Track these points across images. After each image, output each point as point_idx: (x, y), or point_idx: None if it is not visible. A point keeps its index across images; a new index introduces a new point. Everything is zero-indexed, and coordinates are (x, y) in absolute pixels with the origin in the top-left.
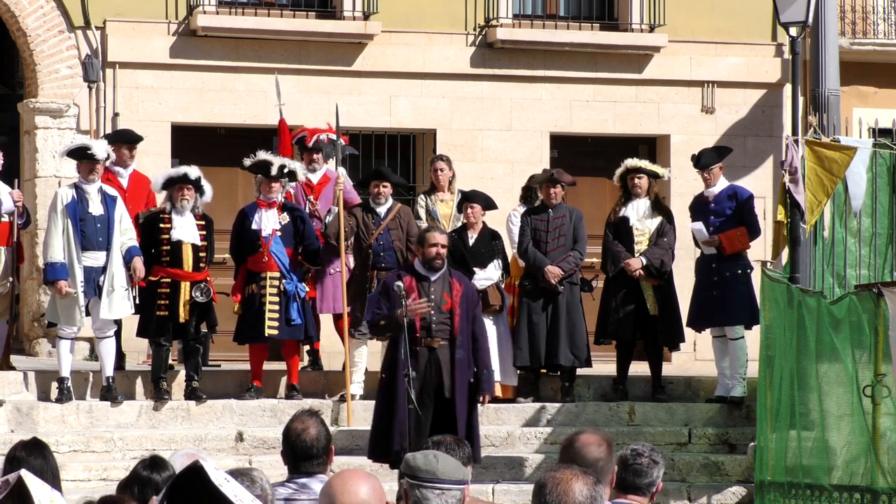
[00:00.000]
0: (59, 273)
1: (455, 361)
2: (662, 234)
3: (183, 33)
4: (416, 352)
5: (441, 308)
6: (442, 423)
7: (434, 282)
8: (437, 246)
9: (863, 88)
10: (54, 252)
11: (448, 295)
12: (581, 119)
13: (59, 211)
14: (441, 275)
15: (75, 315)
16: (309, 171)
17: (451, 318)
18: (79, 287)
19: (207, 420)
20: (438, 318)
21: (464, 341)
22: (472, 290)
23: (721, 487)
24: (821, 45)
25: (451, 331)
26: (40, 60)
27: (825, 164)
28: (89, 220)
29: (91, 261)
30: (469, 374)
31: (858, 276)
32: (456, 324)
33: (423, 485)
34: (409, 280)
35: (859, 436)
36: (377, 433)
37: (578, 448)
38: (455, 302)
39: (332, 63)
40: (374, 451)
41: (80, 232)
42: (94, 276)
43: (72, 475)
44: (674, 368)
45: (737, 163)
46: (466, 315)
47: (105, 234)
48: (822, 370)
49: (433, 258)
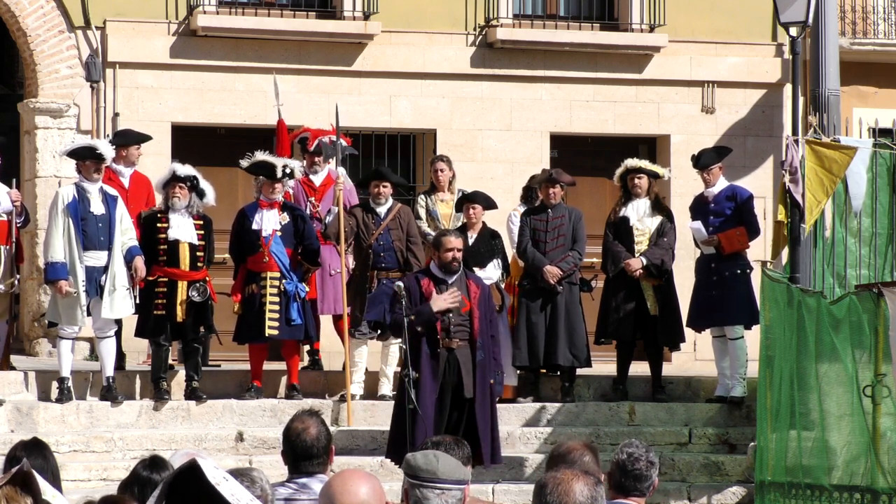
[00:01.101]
0: (59, 273)
1: (476, 362)
2: (662, 234)
3: (183, 33)
4: (438, 353)
5: (460, 311)
6: (461, 424)
7: (451, 284)
8: (454, 250)
9: (863, 88)
10: (55, 251)
11: (466, 297)
12: (581, 119)
13: (61, 210)
14: (458, 277)
15: (76, 315)
16: (311, 174)
17: (469, 319)
18: (80, 287)
19: (207, 420)
20: (457, 320)
21: (484, 342)
22: (488, 291)
23: (721, 487)
24: (821, 45)
25: (471, 332)
26: (40, 60)
27: (825, 164)
28: (91, 219)
29: (93, 260)
30: (490, 374)
31: (858, 276)
32: (475, 325)
33: (423, 485)
34: (428, 283)
35: (859, 436)
36: (397, 435)
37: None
38: (474, 303)
39: (332, 63)
40: (392, 451)
41: (81, 231)
42: (95, 276)
43: (72, 475)
44: (674, 368)
45: (737, 163)
46: (485, 316)
47: (107, 233)
48: (822, 370)
49: (450, 262)
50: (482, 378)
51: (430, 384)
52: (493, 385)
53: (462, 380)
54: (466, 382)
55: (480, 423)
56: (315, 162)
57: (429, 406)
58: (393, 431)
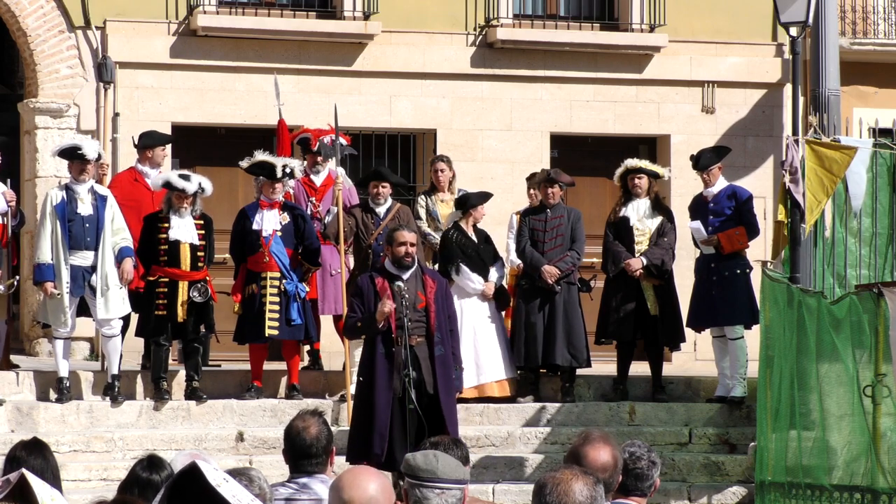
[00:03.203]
0: (45, 274)
1: (434, 358)
2: (663, 234)
3: (183, 33)
4: (393, 351)
5: (416, 306)
6: (428, 420)
7: (406, 280)
8: (406, 245)
9: (863, 88)
10: (43, 253)
11: (422, 293)
12: (581, 119)
13: (49, 212)
14: (413, 273)
15: (60, 317)
16: (312, 174)
17: (426, 315)
18: (64, 287)
19: (208, 420)
20: (413, 316)
21: (442, 337)
22: (445, 286)
23: (721, 487)
24: (821, 44)
25: (428, 328)
26: (40, 60)
27: (825, 164)
28: (77, 220)
29: (79, 260)
30: (451, 370)
31: (859, 276)
32: (432, 320)
33: (423, 484)
34: (382, 282)
35: (860, 436)
36: (356, 435)
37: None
38: (430, 299)
39: (332, 63)
40: (352, 453)
41: (67, 232)
42: (81, 275)
43: (72, 475)
44: (674, 368)
45: (737, 163)
46: (442, 311)
47: (94, 234)
48: (823, 370)
49: (402, 256)
50: (444, 373)
51: (385, 383)
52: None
53: (423, 377)
54: (427, 379)
55: (448, 419)
56: (317, 162)
57: (383, 406)
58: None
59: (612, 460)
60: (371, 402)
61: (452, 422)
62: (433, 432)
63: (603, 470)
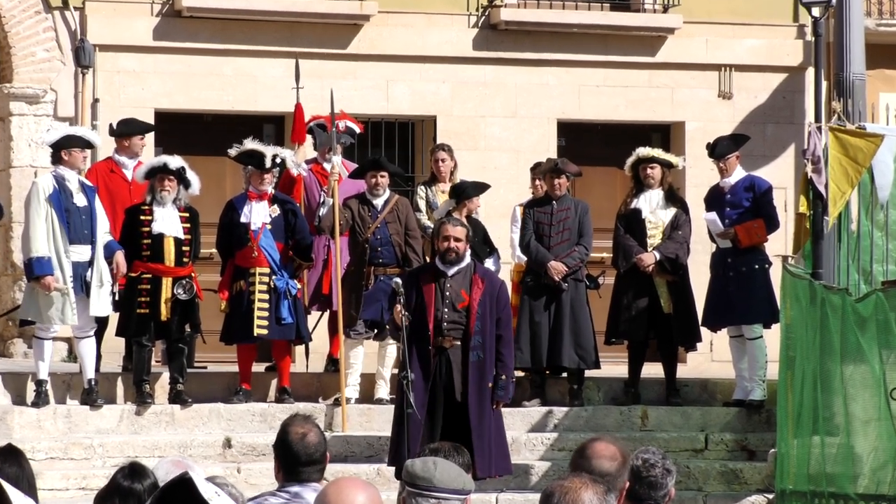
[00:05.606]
0: (45, 268)
1: (468, 363)
2: (677, 226)
3: (167, 14)
4: (428, 352)
5: (456, 306)
6: (454, 429)
7: (451, 277)
8: (450, 239)
9: (890, 72)
10: (39, 246)
11: (466, 292)
12: (590, 105)
13: (42, 202)
14: (460, 270)
15: (66, 312)
16: (325, 161)
17: (466, 316)
18: (68, 282)
19: (193, 425)
20: (451, 317)
21: (483, 342)
22: (499, 288)
23: (739, 497)
24: (845, 26)
25: (466, 330)
26: (15, 43)
27: (850, 153)
28: (74, 211)
29: (77, 255)
30: (488, 377)
31: (885, 272)
32: (472, 323)
33: (420, 493)
34: (427, 278)
35: (887, 441)
36: (394, 439)
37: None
38: (474, 299)
39: (325, 45)
40: (392, 458)
41: (66, 224)
42: (80, 272)
43: (49, 484)
44: (689, 370)
45: (756, 151)
46: (488, 315)
47: (90, 226)
48: (847, 372)
49: (445, 252)
50: (478, 380)
51: (421, 385)
52: (493, 389)
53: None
54: (457, 385)
55: (474, 429)
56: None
57: (418, 410)
58: (392, 438)
59: (619, 452)
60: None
61: (482, 434)
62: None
63: (611, 459)
